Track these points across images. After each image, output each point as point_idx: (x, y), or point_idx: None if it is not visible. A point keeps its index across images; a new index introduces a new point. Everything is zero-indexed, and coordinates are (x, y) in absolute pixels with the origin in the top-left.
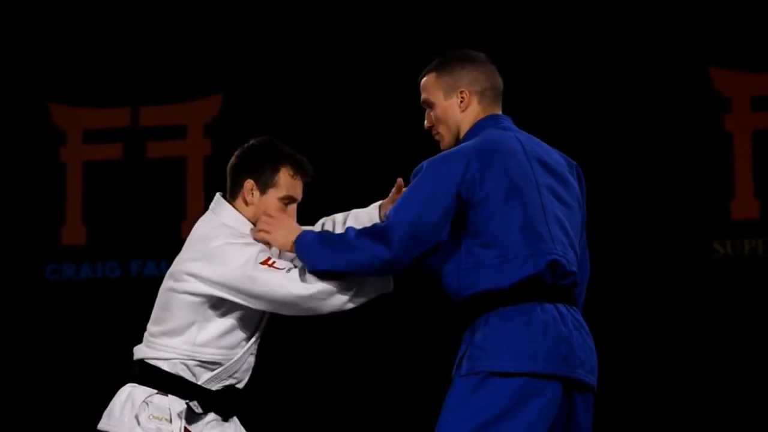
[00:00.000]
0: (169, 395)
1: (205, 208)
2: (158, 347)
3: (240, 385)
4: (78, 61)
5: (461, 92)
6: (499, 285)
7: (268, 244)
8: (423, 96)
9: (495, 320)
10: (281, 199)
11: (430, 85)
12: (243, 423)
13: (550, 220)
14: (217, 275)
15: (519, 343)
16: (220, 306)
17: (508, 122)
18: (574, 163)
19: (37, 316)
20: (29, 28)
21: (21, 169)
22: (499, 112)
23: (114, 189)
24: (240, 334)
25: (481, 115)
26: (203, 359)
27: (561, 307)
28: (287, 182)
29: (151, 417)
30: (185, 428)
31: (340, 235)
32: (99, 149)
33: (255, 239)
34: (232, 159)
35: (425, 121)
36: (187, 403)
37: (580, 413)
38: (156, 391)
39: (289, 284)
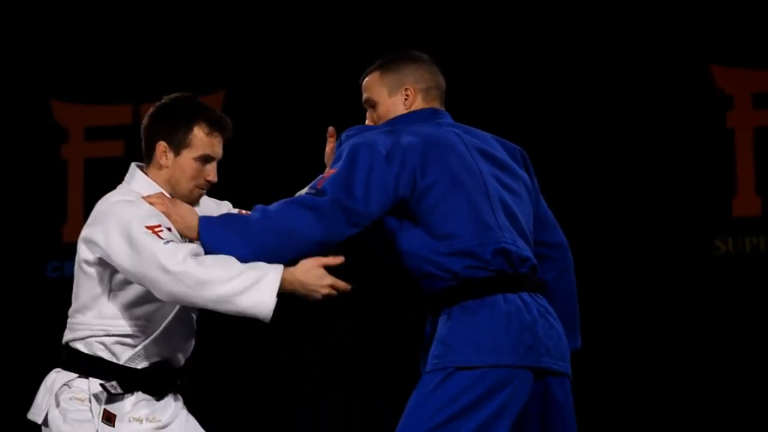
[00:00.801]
0: (90, 378)
1: None
2: (75, 327)
3: (175, 364)
4: (80, 59)
5: (406, 89)
6: (456, 277)
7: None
8: (365, 96)
9: (458, 314)
10: (197, 159)
11: (373, 83)
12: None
13: (497, 208)
14: (100, 235)
15: (482, 336)
16: (120, 274)
17: (446, 117)
18: (518, 148)
19: (38, 314)
20: (31, 25)
21: (22, 167)
22: (442, 108)
23: (115, 186)
24: (155, 305)
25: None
26: (117, 333)
27: (524, 295)
28: (202, 141)
29: (72, 398)
30: (105, 410)
31: (260, 210)
32: (101, 147)
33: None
34: (144, 121)
35: (366, 122)
36: (102, 384)
37: (557, 400)
38: (77, 375)
39: (161, 255)
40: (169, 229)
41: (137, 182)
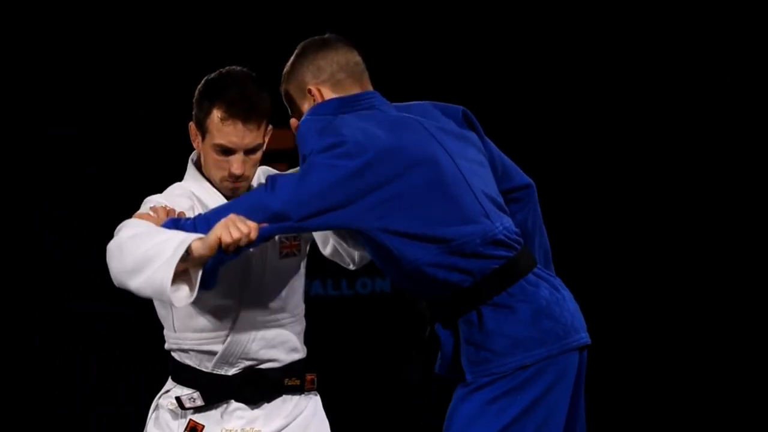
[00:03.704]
0: (183, 387)
1: None
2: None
3: (266, 366)
4: None
5: (309, 90)
6: (461, 282)
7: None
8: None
9: (489, 314)
10: (213, 147)
11: (286, 101)
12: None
13: (479, 195)
14: None
15: (515, 334)
16: None
17: (378, 100)
18: (461, 108)
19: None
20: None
21: None
22: (366, 89)
23: None
24: (214, 314)
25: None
26: (185, 347)
27: (530, 277)
28: (217, 127)
29: (169, 403)
30: (191, 420)
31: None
32: None
33: None
34: None
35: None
36: (177, 398)
37: (582, 372)
38: (176, 383)
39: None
40: None
41: (187, 174)
